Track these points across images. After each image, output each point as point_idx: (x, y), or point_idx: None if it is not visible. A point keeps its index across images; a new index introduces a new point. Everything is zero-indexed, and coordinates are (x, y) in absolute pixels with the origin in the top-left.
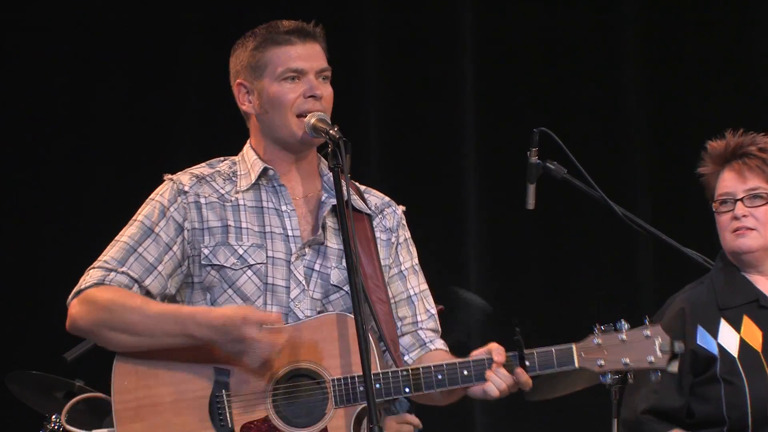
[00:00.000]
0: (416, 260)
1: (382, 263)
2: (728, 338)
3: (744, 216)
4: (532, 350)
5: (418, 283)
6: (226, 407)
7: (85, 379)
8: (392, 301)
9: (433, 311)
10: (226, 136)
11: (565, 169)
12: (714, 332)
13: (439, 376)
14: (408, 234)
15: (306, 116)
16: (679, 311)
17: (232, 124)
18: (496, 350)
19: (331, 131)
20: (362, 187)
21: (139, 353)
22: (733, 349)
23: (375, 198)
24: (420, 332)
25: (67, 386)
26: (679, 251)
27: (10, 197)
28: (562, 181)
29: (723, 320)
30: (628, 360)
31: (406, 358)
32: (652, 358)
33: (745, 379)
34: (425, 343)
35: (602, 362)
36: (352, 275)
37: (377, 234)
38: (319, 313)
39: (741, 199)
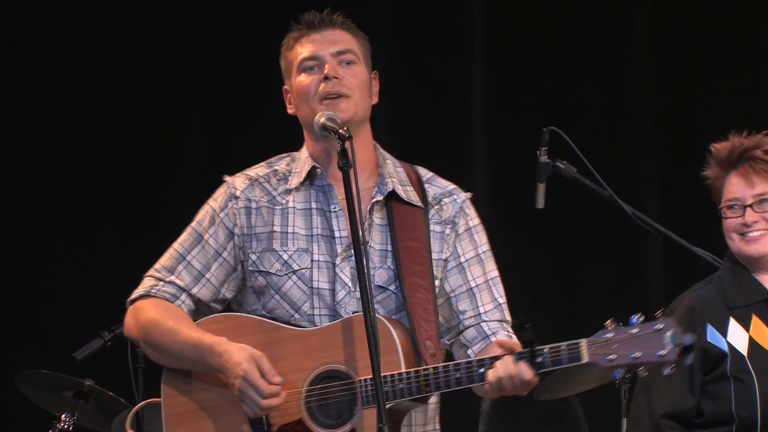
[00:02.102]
0: (484, 248)
1: (435, 257)
2: (737, 337)
3: (755, 222)
4: (542, 347)
5: (483, 272)
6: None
7: (95, 379)
8: (452, 295)
9: (501, 300)
10: (235, 137)
11: (575, 168)
12: (723, 331)
13: (457, 375)
14: (473, 222)
15: (326, 100)
16: (688, 310)
17: (241, 124)
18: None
19: (340, 130)
20: (427, 176)
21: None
22: (743, 347)
23: (436, 188)
24: (483, 324)
25: (77, 385)
26: (689, 250)
27: (20, 199)
28: (572, 180)
29: (732, 319)
30: (638, 354)
31: (468, 351)
32: (663, 352)
33: (755, 377)
34: (487, 336)
35: (612, 357)
36: (362, 276)
37: (431, 227)
38: None
39: (750, 205)
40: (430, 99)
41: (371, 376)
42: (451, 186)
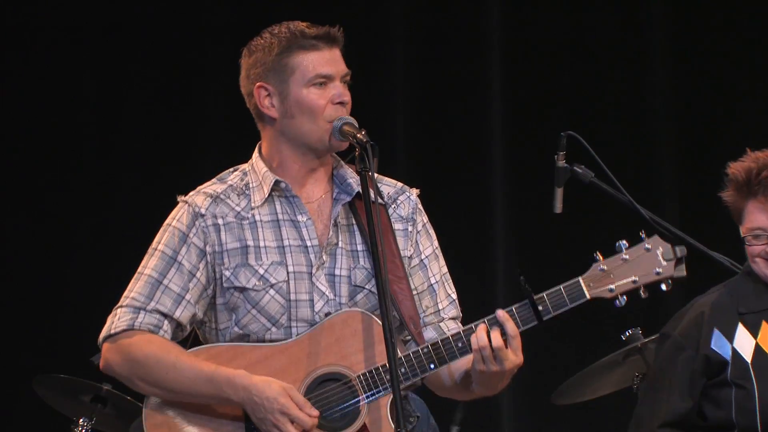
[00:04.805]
0: (436, 243)
1: (402, 254)
2: (744, 343)
3: None
4: (542, 294)
5: (439, 269)
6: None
7: (113, 383)
8: (415, 292)
9: (454, 296)
10: (252, 141)
11: (593, 172)
12: (730, 336)
13: (460, 344)
14: (425, 218)
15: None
16: (698, 314)
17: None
18: (500, 311)
19: (358, 135)
20: (375, 176)
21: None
22: (748, 354)
23: (387, 186)
24: (442, 324)
25: (95, 390)
26: (707, 255)
27: (38, 201)
28: (590, 185)
29: (741, 324)
30: (636, 277)
31: None
32: (659, 269)
33: (756, 385)
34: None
35: (612, 287)
36: (379, 278)
37: (393, 225)
38: None
39: None
40: (448, 101)
41: (366, 369)
42: (400, 183)
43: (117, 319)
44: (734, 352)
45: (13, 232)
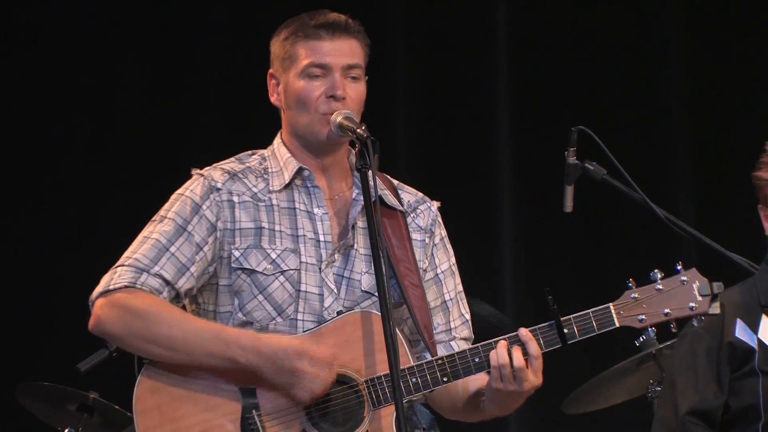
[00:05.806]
0: (453, 259)
1: (418, 264)
2: None
3: None
4: (569, 317)
5: (454, 286)
6: (260, 428)
7: (100, 391)
8: (428, 307)
9: (468, 316)
10: (247, 137)
11: (605, 169)
12: (755, 328)
13: (477, 359)
14: (444, 232)
15: (330, 116)
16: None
17: (254, 125)
18: (523, 329)
19: (358, 130)
20: (395, 182)
21: (161, 379)
22: None
23: (408, 195)
24: (453, 344)
25: (81, 398)
26: (724, 256)
27: (25, 205)
28: (602, 182)
29: (765, 316)
30: (668, 310)
31: None
32: (693, 304)
33: None
34: None
35: (643, 317)
36: (380, 279)
37: (411, 234)
38: None
39: None
40: (454, 97)
41: (375, 375)
42: (420, 193)
43: (117, 276)
44: (760, 341)
45: None
